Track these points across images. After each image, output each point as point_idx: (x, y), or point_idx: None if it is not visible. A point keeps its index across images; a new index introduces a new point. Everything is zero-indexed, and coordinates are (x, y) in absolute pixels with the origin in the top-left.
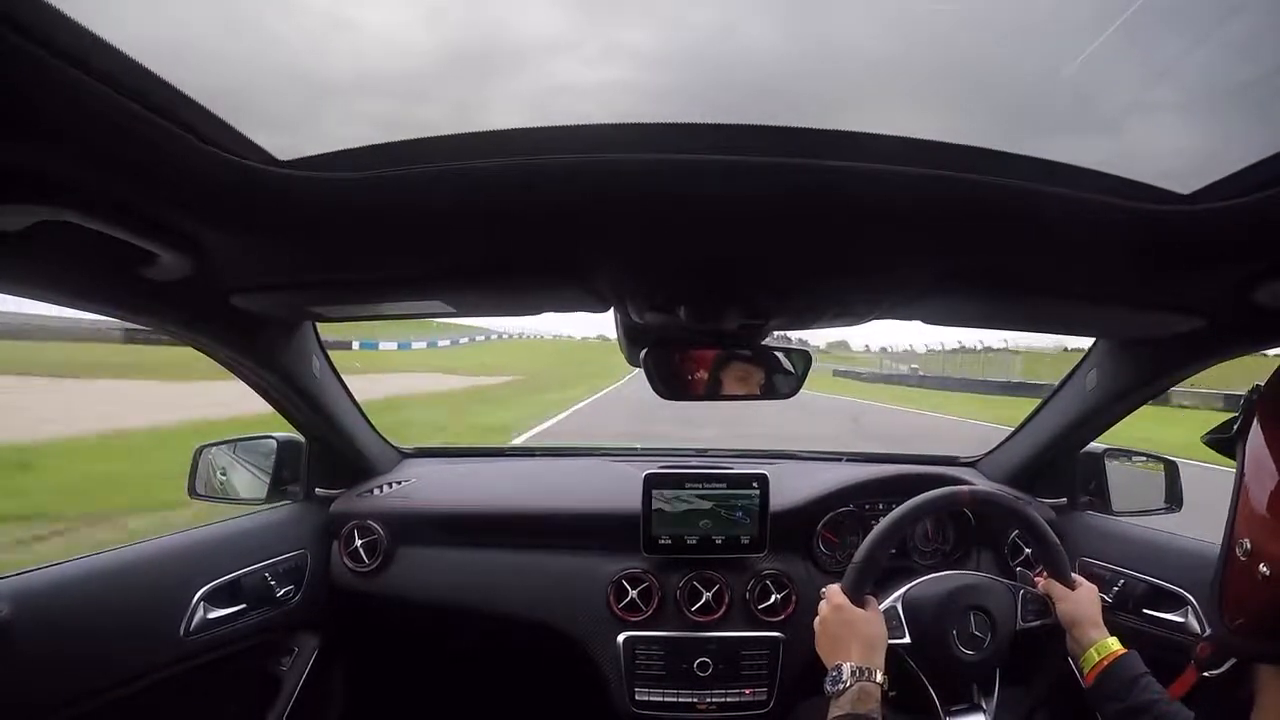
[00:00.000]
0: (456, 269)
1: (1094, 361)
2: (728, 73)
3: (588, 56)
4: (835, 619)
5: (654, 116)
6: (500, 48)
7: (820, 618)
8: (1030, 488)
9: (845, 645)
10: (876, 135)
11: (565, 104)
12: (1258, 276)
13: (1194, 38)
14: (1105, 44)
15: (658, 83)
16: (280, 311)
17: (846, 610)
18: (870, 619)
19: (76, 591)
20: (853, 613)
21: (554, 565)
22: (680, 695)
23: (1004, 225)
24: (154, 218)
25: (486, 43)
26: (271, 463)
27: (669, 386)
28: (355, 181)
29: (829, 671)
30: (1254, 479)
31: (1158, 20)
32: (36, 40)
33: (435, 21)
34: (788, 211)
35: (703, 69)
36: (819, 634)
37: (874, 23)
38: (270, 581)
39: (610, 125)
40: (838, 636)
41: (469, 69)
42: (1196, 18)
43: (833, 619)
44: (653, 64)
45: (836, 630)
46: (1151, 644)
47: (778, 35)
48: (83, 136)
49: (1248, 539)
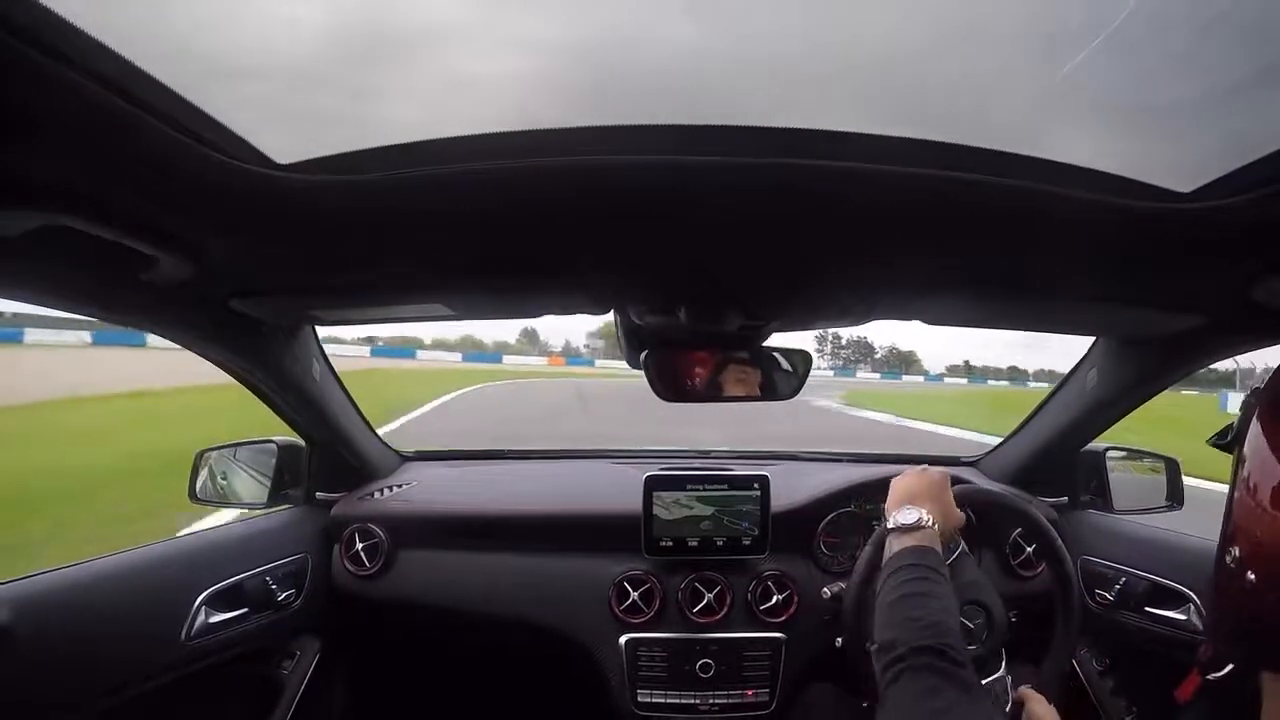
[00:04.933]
0: (456, 272)
1: (1094, 360)
2: (725, 73)
3: (587, 55)
4: (918, 479)
5: (651, 118)
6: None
7: (910, 473)
8: (1031, 487)
9: (924, 500)
10: (875, 135)
11: (564, 105)
12: (1257, 274)
13: (1192, 36)
14: (1104, 42)
15: (656, 83)
16: (280, 315)
17: (933, 476)
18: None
19: (77, 597)
20: (940, 481)
21: (555, 567)
22: (682, 697)
23: (1004, 225)
24: (153, 222)
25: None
26: (272, 466)
27: (669, 388)
28: (354, 185)
29: (902, 507)
30: (1251, 483)
31: (1156, 18)
32: (34, 44)
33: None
34: (786, 213)
35: (701, 68)
36: (901, 482)
37: (873, 22)
38: (271, 585)
39: (607, 128)
40: (921, 492)
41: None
42: (1195, 16)
43: (915, 479)
44: (649, 65)
45: (924, 487)
46: (1154, 642)
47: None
48: (82, 141)
49: (1237, 547)
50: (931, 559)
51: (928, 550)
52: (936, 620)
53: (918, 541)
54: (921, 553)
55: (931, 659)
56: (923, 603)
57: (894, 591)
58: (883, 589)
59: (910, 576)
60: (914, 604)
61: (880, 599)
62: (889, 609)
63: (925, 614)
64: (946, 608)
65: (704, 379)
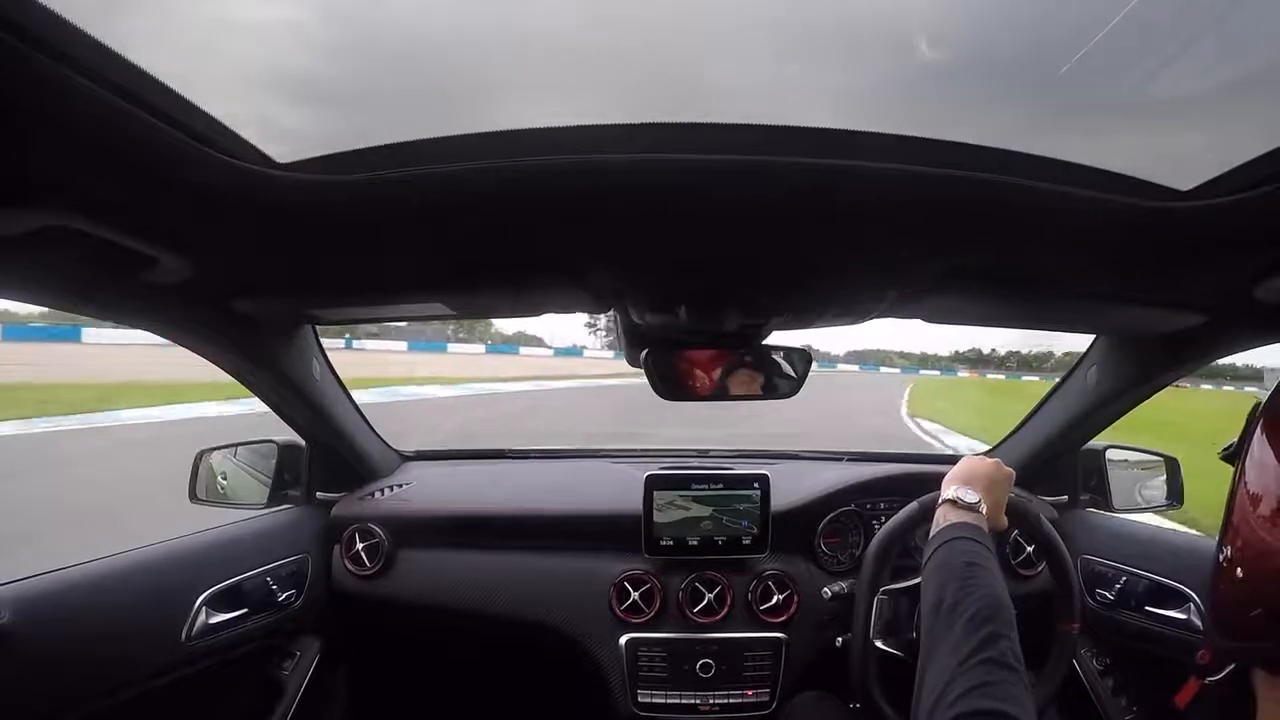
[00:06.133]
0: (456, 271)
1: (1094, 358)
2: (724, 72)
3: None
4: (987, 467)
5: (650, 116)
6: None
7: (981, 459)
8: (1031, 486)
9: (982, 490)
10: (874, 133)
11: (563, 103)
12: (1257, 272)
13: (1191, 34)
14: (1103, 40)
15: (654, 82)
16: (280, 315)
17: (1003, 472)
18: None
19: (77, 597)
20: (1005, 479)
21: (556, 567)
22: (683, 697)
23: (1004, 223)
24: (153, 222)
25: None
26: (272, 467)
27: (669, 387)
28: (354, 184)
29: (963, 486)
30: (1247, 488)
31: (1155, 17)
32: (35, 44)
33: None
34: (786, 211)
35: (700, 68)
36: (971, 463)
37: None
38: (272, 586)
39: (607, 125)
40: (984, 480)
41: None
42: (1194, 14)
43: (985, 466)
44: (649, 63)
45: (988, 478)
46: (1154, 641)
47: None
48: (82, 141)
49: (1229, 546)
50: (987, 539)
51: (983, 530)
52: (999, 598)
53: (974, 520)
54: (978, 530)
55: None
56: (983, 577)
57: (956, 556)
58: (940, 549)
59: (971, 548)
60: (974, 573)
61: (936, 557)
62: (947, 569)
63: (987, 589)
64: (1005, 591)
65: (704, 378)
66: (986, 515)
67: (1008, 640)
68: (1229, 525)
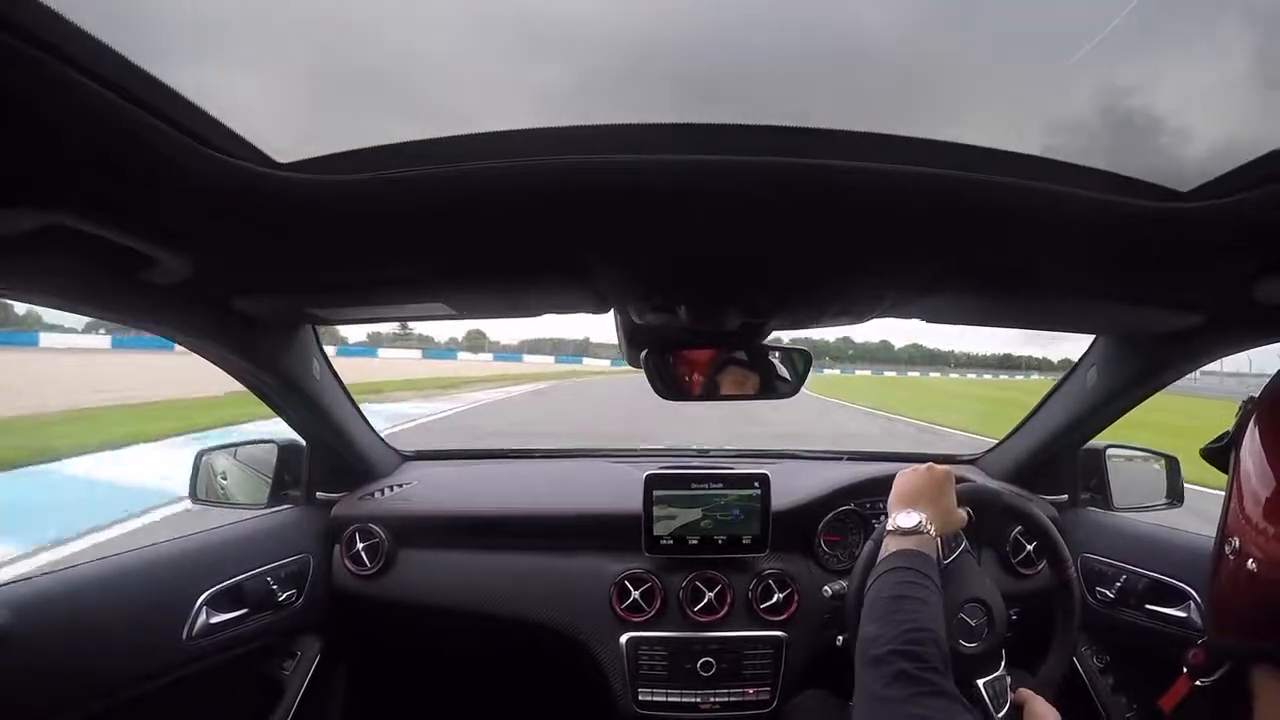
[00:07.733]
0: (456, 271)
1: (1094, 358)
2: (723, 72)
3: (585, 53)
4: (920, 478)
5: (650, 117)
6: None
7: (914, 470)
8: (1031, 485)
9: (925, 500)
10: (876, 134)
11: (563, 103)
12: (1256, 273)
13: (1191, 35)
14: (1103, 42)
15: (655, 81)
16: (280, 314)
17: (936, 476)
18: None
19: (78, 598)
20: (942, 480)
21: (556, 567)
22: (684, 695)
23: (1003, 223)
24: (153, 221)
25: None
26: (272, 467)
27: (669, 387)
28: (354, 184)
29: (903, 510)
30: (1247, 481)
31: (1155, 17)
32: (34, 43)
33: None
34: (786, 211)
35: (699, 67)
36: (904, 479)
37: (874, 20)
38: (272, 585)
39: (607, 125)
40: (923, 491)
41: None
42: (1193, 15)
43: (918, 478)
44: (648, 62)
45: (926, 486)
46: (1154, 639)
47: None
48: (82, 140)
49: (1236, 538)
50: (924, 564)
51: (921, 556)
52: (920, 626)
53: (914, 546)
54: (915, 557)
55: (907, 664)
56: (908, 606)
57: (883, 590)
58: (872, 586)
59: (901, 579)
60: (899, 606)
61: (869, 594)
62: (875, 606)
63: (909, 618)
64: (933, 615)
65: (703, 378)
66: (934, 528)
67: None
68: (1228, 518)
